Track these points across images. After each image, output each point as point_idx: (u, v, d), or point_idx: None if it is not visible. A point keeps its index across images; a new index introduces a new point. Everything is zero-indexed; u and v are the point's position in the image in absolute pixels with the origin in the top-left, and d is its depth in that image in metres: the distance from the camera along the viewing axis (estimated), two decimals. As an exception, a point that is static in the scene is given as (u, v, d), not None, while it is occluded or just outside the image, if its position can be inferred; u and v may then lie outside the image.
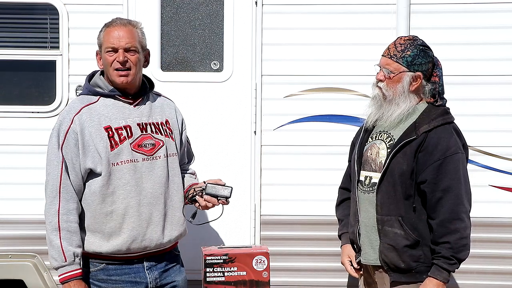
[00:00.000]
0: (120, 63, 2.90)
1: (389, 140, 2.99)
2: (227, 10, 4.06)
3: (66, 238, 2.84)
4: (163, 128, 3.02)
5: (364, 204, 3.02)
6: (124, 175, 2.88)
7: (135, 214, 2.90)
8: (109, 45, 2.91)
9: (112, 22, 2.97)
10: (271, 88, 4.05)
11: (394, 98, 2.97)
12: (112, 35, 2.92)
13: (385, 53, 3.02)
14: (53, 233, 2.84)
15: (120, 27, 2.93)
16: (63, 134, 2.86)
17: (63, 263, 2.83)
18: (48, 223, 2.86)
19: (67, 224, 2.84)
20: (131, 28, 2.95)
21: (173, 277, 3.06)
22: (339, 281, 4.01)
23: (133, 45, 2.93)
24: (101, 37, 2.96)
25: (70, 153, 2.85)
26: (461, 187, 2.88)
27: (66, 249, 2.83)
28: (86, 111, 2.89)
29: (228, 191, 2.97)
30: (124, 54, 2.90)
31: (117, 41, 2.91)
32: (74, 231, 2.85)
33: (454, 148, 2.89)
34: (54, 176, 2.86)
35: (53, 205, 2.85)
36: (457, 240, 2.84)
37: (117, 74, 2.91)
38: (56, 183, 2.85)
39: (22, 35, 4.21)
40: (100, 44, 2.96)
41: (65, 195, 2.85)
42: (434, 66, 3.02)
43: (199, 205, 3.00)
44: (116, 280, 2.93)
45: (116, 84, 2.94)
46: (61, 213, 2.84)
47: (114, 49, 2.91)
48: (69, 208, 2.85)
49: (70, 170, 2.86)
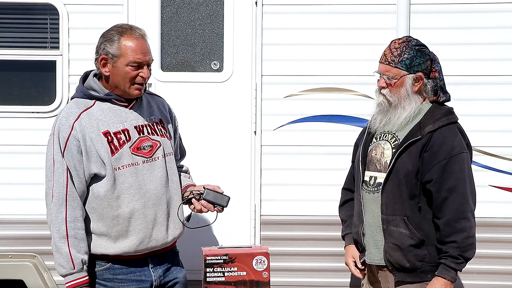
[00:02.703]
0: (144, 78, 2.87)
1: (394, 140, 2.99)
2: (227, 10, 4.06)
3: (74, 245, 2.82)
4: (158, 128, 3.01)
5: (369, 204, 3.02)
6: (127, 179, 2.87)
7: (141, 216, 2.90)
8: (135, 59, 2.83)
9: (130, 33, 2.86)
10: (271, 88, 4.05)
11: (400, 102, 2.96)
12: (135, 49, 2.84)
13: (382, 59, 3.01)
14: (61, 240, 2.81)
15: (141, 41, 2.86)
16: (63, 141, 2.82)
17: (71, 271, 2.81)
18: (56, 231, 2.82)
19: (75, 232, 2.82)
20: (146, 39, 2.90)
21: (175, 274, 3.07)
22: (340, 281, 4.00)
23: (152, 59, 2.91)
24: (118, 47, 2.84)
25: (72, 160, 2.83)
26: (466, 187, 2.88)
27: (74, 256, 2.81)
28: (85, 116, 2.85)
29: (226, 200, 2.98)
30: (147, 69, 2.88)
31: (143, 57, 2.85)
32: (81, 238, 2.84)
33: (459, 148, 2.90)
34: (60, 183, 2.82)
35: (60, 213, 2.82)
36: (464, 239, 2.85)
37: (135, 88, 2.88)
38: (62, 191, 2.82)
39: (22, 35, 4.21)
40: (116, 55, 2.84)
41: (71, 202, 2.83)
42: (432, 62, 3.01)
43: (194, 208, 3.01)
44: (122, 279, 2.93)
45: (127, 95, 2.91)
46: (68, 220, 2.82)
47: (140, 64, 2.86)
48: (76, 216, 2.84)
49: (74, 177, 2.84)
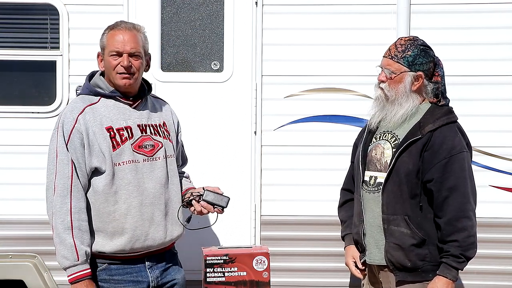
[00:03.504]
0: (124, 67, 2.89)
1: (394, 140, 2.99)
2: (227, 10, 4.06)
3: (78, 236, 2.82)
4: (161, 130, 3.03)
5: (369, 204, 3.02)
6: (126, 175, 2.89)
7: (137, 214, 2.91)
8: (114, 48, 2.90)
9: (117, 25, 2.95)
10: (271, 89, 4.05)
11: (397, 98, 2.98)
12: (116, 39, 2.90)
13: (386, 54, 3.03)
14: (66, 231, 2.81)
15: (125, 31, 2.92)
16: (67, 133, 2.85)
17: (75, 262, 2.81)
18: (60, 222, 2.82)
19: (79, 223, 2.83)
20: (135, 33, 2.94)
21: (173, 275, 3.07)
22: (340, 281, 4.00)
23: (137, 50, 2.93)
24: (104, 40, 2.94)
25: (75, 153, 2.85)
26: (467, 186, 2.89)
27: (79, 247, 2.81)
28: (89, 110, 2.89)
29: (225, 201, 2.99)
30: (129, 59, 2.90)
31: (122, 46, 2.90)
32: (85, 230, 2.84)
33: (459, 147, 2.90)
34: (64, 174, 2.83)
35: (65, 204, 2.82)
36: (465, 238, 2.85)
37: (120, 77, 2.91)
38: (67, 182, 2.83)
39: (23, 35, 4.21)
40: (103, 47, 2.95)
41: (76, 193, 2.84)
42: (436, 66, 3.02)
43: (194, 209, 3.03)
44: (118, 280, 2.93)
45: (118, 87, 2.94)
46: (73, 211, 2.82)
47: (119, 53, 2.90)
48: (81, 207, 2.84)
49: (77, 169, 2.85)
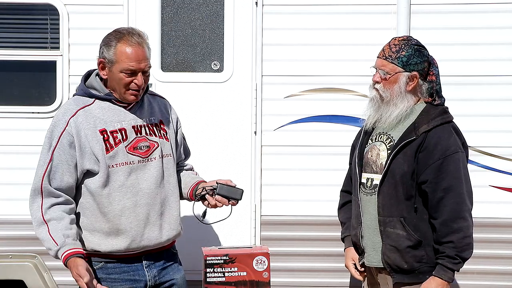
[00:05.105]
0: (138, 86, 2.86)
1: (389, 141, 2.99)
2: (227, 10, 4.06)
3: (53, 226, 2.80)
4: (157, 129, 3.01)
5: (367, 206, 3.01)
6: (120, 177, 2.88)
7: (132, 215, 2.90)
8: (128, 67, 2.82)
9: (126, 38, 2.84)
10: (271, 89, 4.06)
11: (392, 99, 2.97)
12: (130, 56, 2.82)
13: (380, 54, 3.02)
14: (40, 227, 2.81)
15: (138, 48, 2.83)
16: (56, 136, 2.84)
17: (55, 248, 2.77)
18: (34, 220, 2.83)
19: (51, 215, 2.81)
20: (145, 46, 2.86)
21: (171, 275, 3.06)
22: (340, 281, 4.00)
23: (148, 65, 2.88)
24: (112, 53, 2.83)
25: (64, 155, 2.84)
26: (462, 186, 2.88)
27: (54, 235, 2.78)
28: (82, 113, 2.86)
29: (240, 193, 2.99)
30: (142, 76, 2.86)
31: (136, 64, 2.83)
32: (58, 218, 2.81)
33: (454, 147, 2.89)
34: (38, 175, 2.84)
35: (35, 202, 2.83)
36: (460, 239, 2.84)
37: (130, 93, 2.88)
38: (38, 182, 2.83)
39: (23, 35, 4.21)
40: (111, 60, 2.84)
41: (46, 193, 2.83)
42: (430, 65, 3.01)
43: (209, 204, 3.01)
44: (115, 278, 2.93)
45: (124, 100, 2.91)
46: (43, 208, 2.82)
47: (134, 71, 2.84)
48: (52, 203, 2.83)
49: (64, 171, 2.84)
